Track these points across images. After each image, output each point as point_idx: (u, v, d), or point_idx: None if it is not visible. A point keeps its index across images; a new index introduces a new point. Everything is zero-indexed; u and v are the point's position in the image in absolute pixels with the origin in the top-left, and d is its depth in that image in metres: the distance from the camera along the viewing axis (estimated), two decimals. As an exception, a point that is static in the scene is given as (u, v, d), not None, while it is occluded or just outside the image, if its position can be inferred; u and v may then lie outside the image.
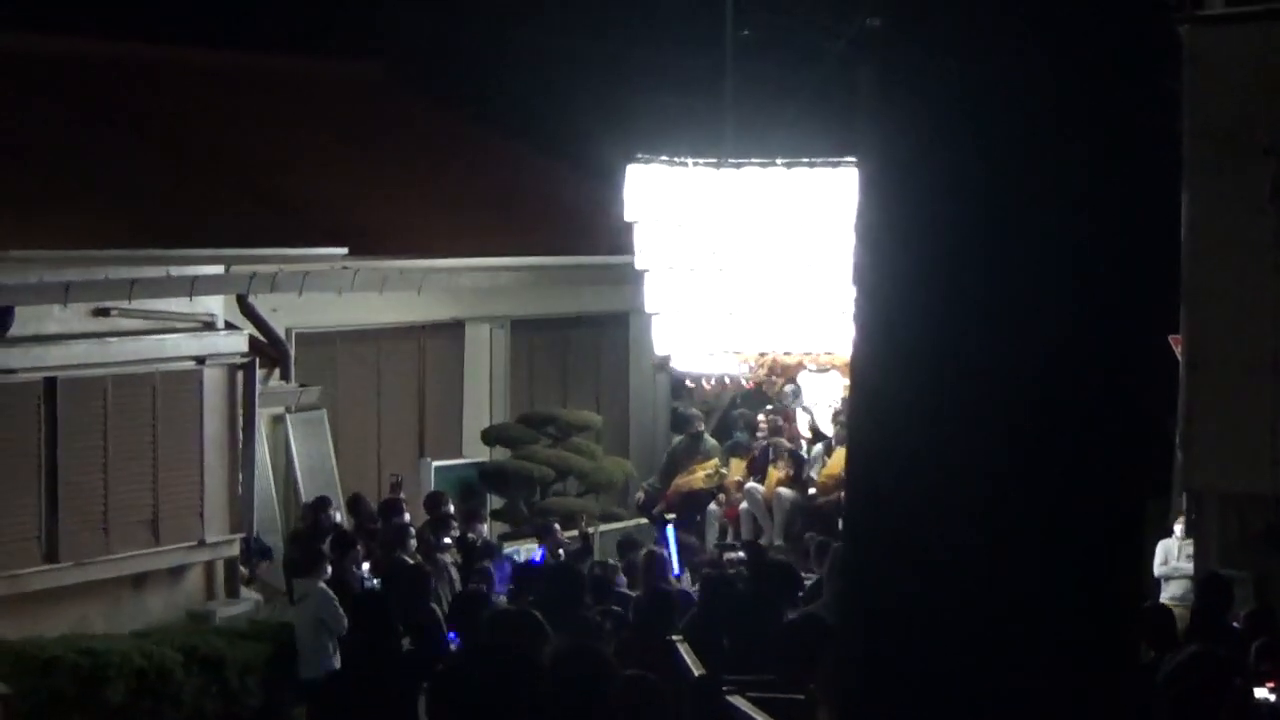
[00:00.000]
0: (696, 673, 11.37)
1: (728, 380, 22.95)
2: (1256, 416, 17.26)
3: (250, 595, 19.87)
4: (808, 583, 15.75)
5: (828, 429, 22.26)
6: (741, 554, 19.14)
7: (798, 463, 21.67)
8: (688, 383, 23.44)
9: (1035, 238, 5.09)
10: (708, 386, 23.02)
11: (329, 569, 17.01)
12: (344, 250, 20.39)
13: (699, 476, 22.09)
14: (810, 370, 22.01)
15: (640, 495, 22.72)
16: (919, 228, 5.12)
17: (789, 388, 22.41)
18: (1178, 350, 17.68)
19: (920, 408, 5.04)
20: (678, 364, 22.63)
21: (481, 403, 24.43)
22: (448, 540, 18.65)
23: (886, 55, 5.21)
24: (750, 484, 21.67)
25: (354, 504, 20.07)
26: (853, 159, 20.37)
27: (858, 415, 5.42)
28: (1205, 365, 17.54)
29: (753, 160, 21.35)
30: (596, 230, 22.40)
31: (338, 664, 15.85)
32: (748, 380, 22.78)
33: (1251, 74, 17.44)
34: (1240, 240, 17.37)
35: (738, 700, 10.54)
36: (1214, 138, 17.36)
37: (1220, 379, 17.49)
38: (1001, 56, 5.08)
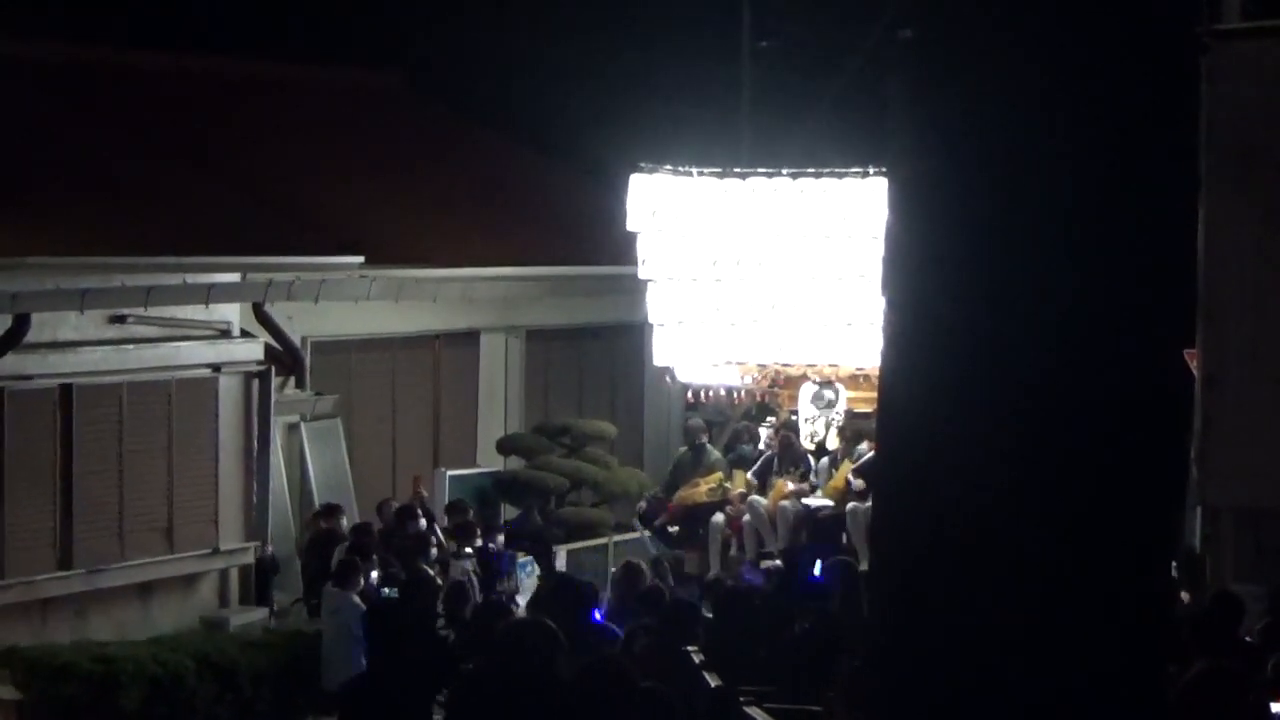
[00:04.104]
0: (713, 684, 11.35)
1: (741, 393, 22.84)
2: (1273, 431, 17.22)
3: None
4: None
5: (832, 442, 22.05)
6: (779, 563, 19.15)
7: (805, 475, 21.52)
8: (688, 395, 23.32)
9: (1056, 250, 5.10)
10: (709, 399, 22.88)
11: (361, 581, 16.96)
12: (360, 259, 20.41)
13: (702, 489, 21.96)
14: (814, 382, 21.81)
15: (642, 505, 22.64)
16: (946, 238, 5.13)
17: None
18: (1194, 365, 17.63)
19: (947, 416, 5.04)
20: (681, 375, 22.49)
21: (496, 412, 24.41)
22: (469, 550, 18.63)
23: (916, 67, 5.22)
24: (753, 497, 21.52)
25: (378, 511, 20.00)
26: (862, 170, 20.33)
27: (886, 424, 5.42)
28: (1221, 380, 17.49)
29: (758, 170, 21.24)
30: (612, 240, 22.36)
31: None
32: (759, 394, 22.67)
33: (1270, 88, 17.43)
34: (1257, 254, 17.34)
35: (754, 711, 10.53)
36: (1232, 152, 17.33)
37: (1236, 393, 17.45)
38: (1028, 71, 5.09)
